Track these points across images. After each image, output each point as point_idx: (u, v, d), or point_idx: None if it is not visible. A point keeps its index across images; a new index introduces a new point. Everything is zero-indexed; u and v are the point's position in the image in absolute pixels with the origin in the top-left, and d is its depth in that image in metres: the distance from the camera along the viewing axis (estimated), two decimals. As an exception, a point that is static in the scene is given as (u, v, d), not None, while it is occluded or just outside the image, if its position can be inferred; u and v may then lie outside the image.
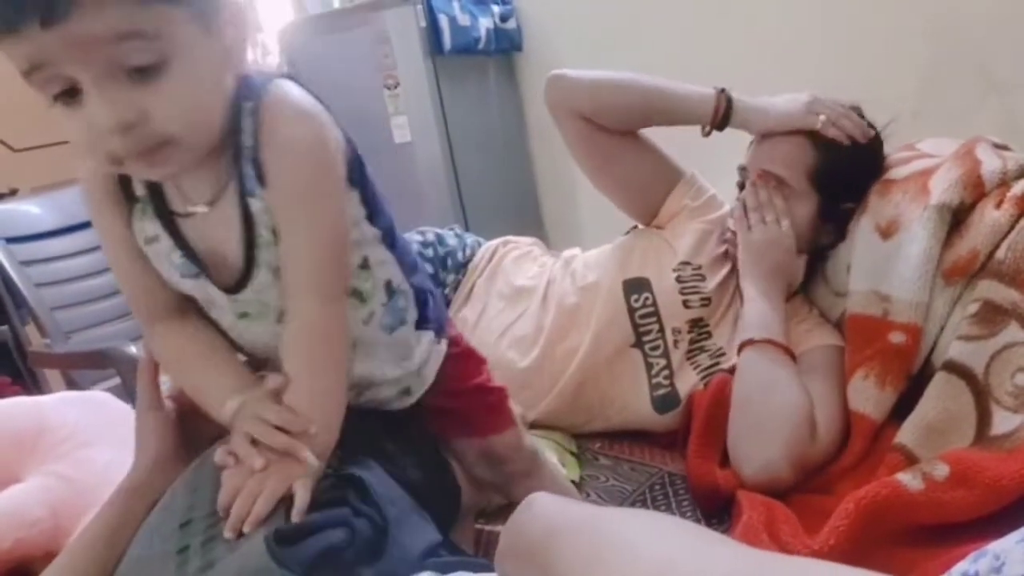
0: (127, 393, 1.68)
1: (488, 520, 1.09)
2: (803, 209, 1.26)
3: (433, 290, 0.91)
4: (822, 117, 1.24)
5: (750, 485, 1.07)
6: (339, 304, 0.75)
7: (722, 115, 1.30)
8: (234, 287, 0.75)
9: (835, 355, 1.19)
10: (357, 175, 0.77)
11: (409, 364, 0.86)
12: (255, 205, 0.71)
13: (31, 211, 2.11)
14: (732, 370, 1.25)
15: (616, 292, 1.32)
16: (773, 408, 1.10)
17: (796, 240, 1.25)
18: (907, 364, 1.11)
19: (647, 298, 1.31)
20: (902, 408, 1.10)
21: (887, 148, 1.29)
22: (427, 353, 0.88)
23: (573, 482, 1.21)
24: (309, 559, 0.64)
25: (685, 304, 1.30)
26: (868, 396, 1.12)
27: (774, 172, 1.26)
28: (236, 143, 0.70)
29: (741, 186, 1.32)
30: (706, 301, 1.31)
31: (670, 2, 2.87)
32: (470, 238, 1.57)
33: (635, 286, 1.32)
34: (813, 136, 1.25)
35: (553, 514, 0.64)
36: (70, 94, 0.62)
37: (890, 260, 1.14)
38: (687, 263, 1.32)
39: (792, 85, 1.35)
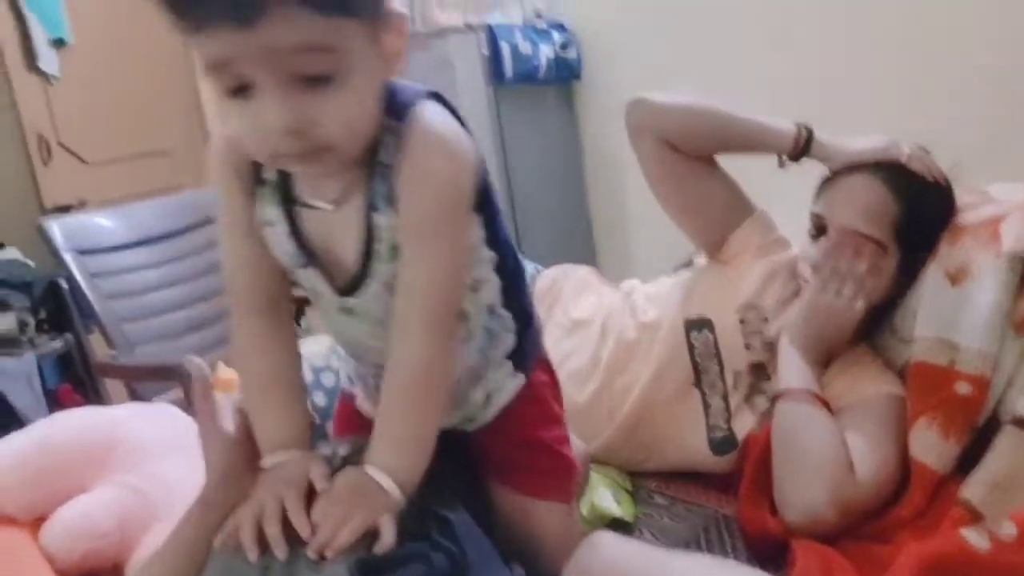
0: (190, 406, 1.72)
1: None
2: (886, 266, 1.22)
3: (535, 323, 0.90)
4: (906, 150, 1.23)
5: (795, 530, 1.06)
6: (447, 342, 0.76)
7: (802, 146, 1.30)
8: (345, 289, 0.78)
9: (893, 404, 1.17)
10: (484, 199, 0.78)
11: (481, 390, 0.86)
12: (379, 220, 0.73)
13: (103, 223, 2.17)
14: None
15: (678, 330, 1.32)
16: (807, 451, 1.10)
17: (875, 295, 1.22)
18: (972, 416, 1.09)
19: (709, 338, 1.30)
20: (967, 461, 1.08)
21: (956, 192, 1.27)
22: (500, 382, 0.87)
23: (627, 522, 1.21)
24: None
25: (747, 347, 1.29)
26: (931, 446, 1.10)
27: (862, 231, 1.20)
28: (373, 156, 0.72)
29: (814, 234, 1.28)
30: (768, 346, 1.29)
31: (731, 36, 2.87)
32: (530, 266, 1.58)
33: (697, 325, 1.32)
34: (889, 184, 1.21)
35: (619, 556, 0.65)
36: (244, 90, 0.64)
37: (959, 308, 1.13)
38: (752, 306, 1.31)
39: (856, 126, 1.35)
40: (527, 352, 0.89)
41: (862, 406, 1.18)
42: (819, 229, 1.26)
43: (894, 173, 1.22)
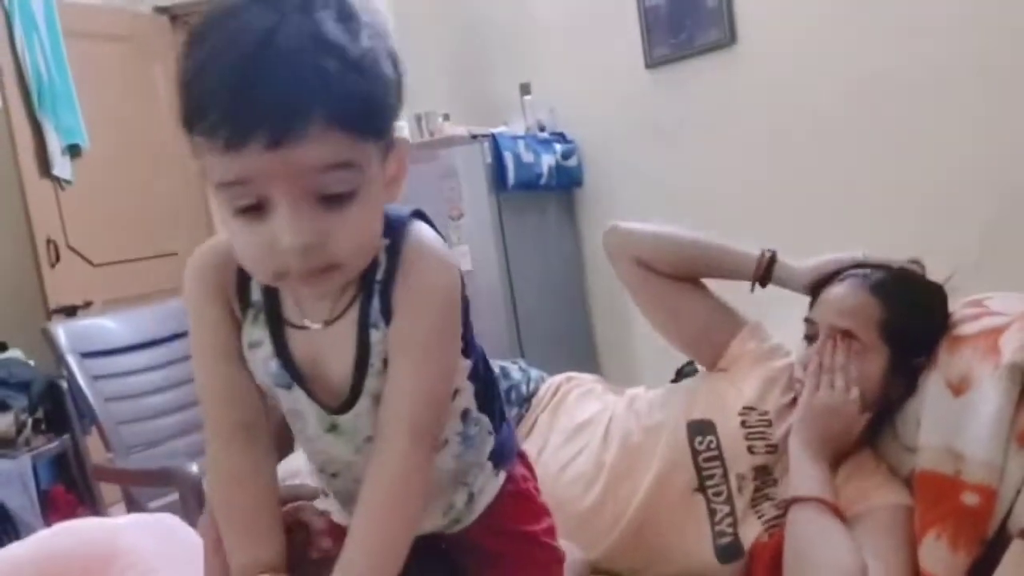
0: (185, 512, 1.70)
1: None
2: (874, 364, 1.24)
3: (507, 421, 0.91)
4: (859, 253, 1.29)
5: None
6: (429, 452, 0.75)
7: (763, 272, 1.37)
8: (337, 408, 0.77)
9: (903, 515, 1.15)
10: (462, 309, 0.78)
11: (464, 493, 0.86)
12: (375, 336, 0.73)
13: (106, 326, 2.19)
14: None
15: (680, 433, 1.32)
16: (823, 565, 1.07)
17: (866, 396, 1.23)
18: (981, 527, 1.07)
19: (711, 441, 1.30)
20: (975, 573, 1.06)
21: (952, 303, 1.29)
22: (483, 483, 0.87)
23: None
24: None
25: (750, 450, 1.29)
26: (940, 558, 1.08)
27: (843, 327, 1.25)
28: (369, 275, 0.73)
29: (808, 339, 1.31)
30: (772, 448, 1.29)
31: (725, 152, 2.96)
32: (535, 372, 1.59)
33: (699, 428, 1.31)
34: (873, 288, 1.26)
35: None
36: (258, 208, 0.64)
37: (962, 417, 1.12)
38: (753, 408, 1.31)
39: (851, 238, 1.38)
40: (505, 450, 0.89)
41: (871, 518, 1.16)
42: (811, 334, 1.30)
43: (881, 279, 1.27)
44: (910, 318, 1.25)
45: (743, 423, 1.30)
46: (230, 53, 0.60)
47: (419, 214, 0.78)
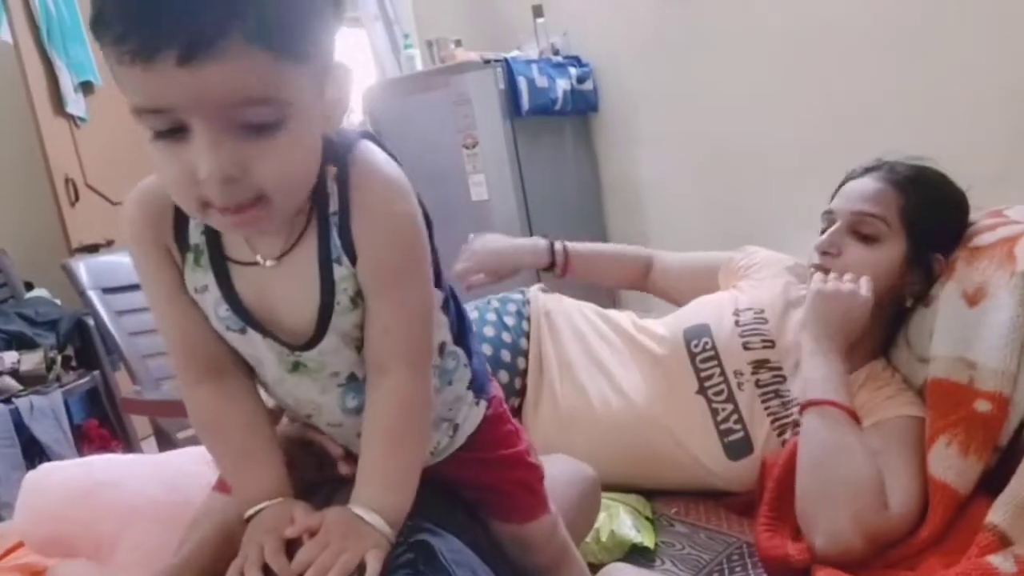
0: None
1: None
2: (893, 251, 1.24)
3: (479, 351, 0.90)
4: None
5: (820, 556, 1.04)
6: (427, 378, 0.75)
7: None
8: (299, 346, 0.74)
9: (915, 426, 1.16)
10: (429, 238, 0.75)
11: (448, 427, 0.85)
12: (339, 272, 0.70)
13: (127, 262, 2.20)
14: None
15: (678, 339, 1.36)
16: (840, 476, 1.07)
17: (881, 284, 1.23)
18: (993, 434, 1.07)
19: (706, 342, 1.33)
20: (994, 484, 1.06)
21: (973, 215, 1.27)
22: (465, 414, 0.86)
23: (648, 549, 1.20)
24: None
25: (745, 346, 1.31)
26: (950, 464, 1.08)
27: (864, 210, 1.25)
28: (320, 206, 0.69)
29: (824, 232, 1.30)
30: (768, 343, 1.31)
31: (744, 65, 2.89)
32: (516, 294, 1.62)
33: (695, 332, 1.36)
34: (894, 181, 1.26)
35: None
36: (175, 133, 0.60)
37: (976, 327, 1.12)
38: (747, 308, 1.36)
39: (873, 147, 1.35)
40: (481, 378, 0.88)
41: (887, 428, 1.17)
42: (829, 225, 1.30)
43: (904, 173, 1.27)
44: (931, 209, 1.25)
45: (736, 322, 1.34)
46: None
47: (367, 135, 0.73)
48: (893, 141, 1.35)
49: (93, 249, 3.18)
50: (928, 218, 1.24)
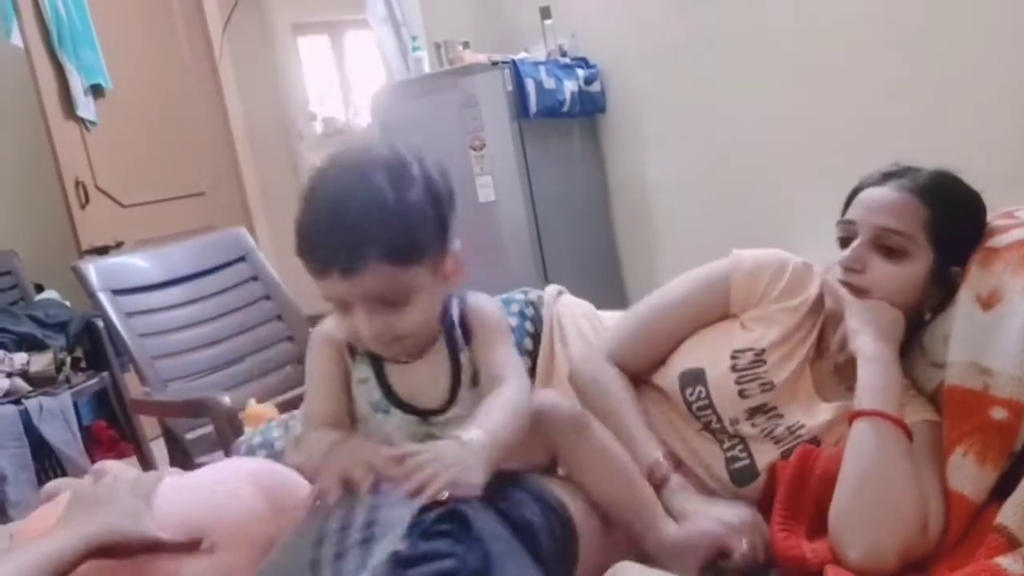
0: (220, 441, 1.74)
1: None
2: (918, 267, 1.20)
3: None
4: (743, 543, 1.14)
5: (851, 569, 1.03)
6: (528, 390, 1.05)
7: (656, 481, 1.23)
8: (432, 414, 1.05)
9: (933, 432, 1.14)
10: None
11: None
12: (463, 357, 1.05)
13: (137, 264, 2.22)
14: (813, 441, 1.22)
15: (674, 386, 1.31)
16: (888, 499, 1.05)
17: (905, 299, 1.20)
18: (1009, 442, 1.06)
19: (700, 391, 1.28)
20: (1003, 485, 1.05)
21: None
22: None
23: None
24: None
25: (741, 394, 1.26)
26: (967, 475, 1.07)
27: (889, 226, 1.20)
28: (447, 325, 1.05)
29: (843, 241, 1.26)
30: (767, 386, 1.26)
31: (753, 66, 2.89)
32: (519, 294, 1.63)
33: (690, 378, 1.30)
34: (918, 191, 1.21)
35: None
36: (346, 307, 0.96)
37: (991, 332, 1.10)
38: (746, 349, 1.28)
39: (883, 148, 1.34)
40: None
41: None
42: (848, 236, 1.25)
43: (924, 181, 1.23)
44: (956, 221, 1.21)
45: (733, 367, 1.27)
46: (317, 211, 0.94)
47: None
48: (903, 143, 1.34)
49: (103, 251, 3.20)
50: (953, 231, 1.20)
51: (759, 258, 1.36)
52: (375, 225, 0.90)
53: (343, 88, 5.81)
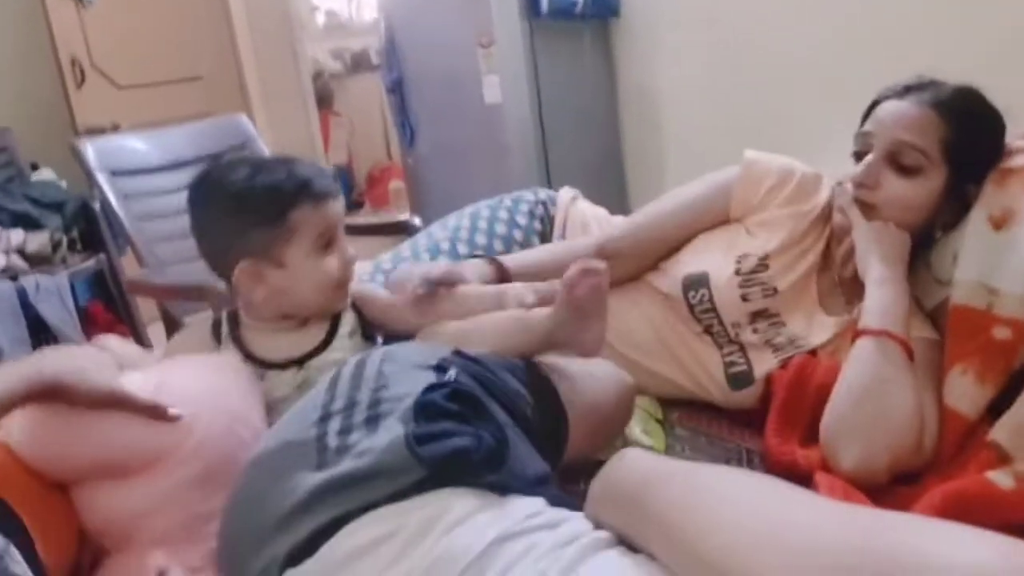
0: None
1: (570, 479, 1.10)
2: (932, 183, 1.19)
3: None
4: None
5: (842, 477, 1.05)
6: None
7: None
8: (307, 358, 1.15)
9: (931, 349, 1.15)
10: None
11: None
12: (345, 317, 1.21)
13: (135, 146, 2.18)
14: (812, 352, 1.23)
15: (677, 288, 1.32)
16: (885, 411, 1.05)
17: (915, 217, 1.20)
18: (1009, 361, 1.07)
19: (704, 294, 1.29)
20: (998, 402, 1.07)
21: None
22: None
23: (658, 451, 1.21)
24: (440, 457, 0.74)
25: (743, 298, 1.27)
26: (964, 392, 1.08)
27: (906, 140, 1.18)
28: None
29: (858, 156, 1.24)
30: (769, 292, 1.27)
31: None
32: (529, 193, 1.64)
33: (693, 282, 1.30)
34: (938, 106, 1.19)
35: (647, 465, 0.68)
36: (330, 241, 1.13)
37: (1001, 252, 1.10)
38: (751, 254, 1.29)
39: (908, 62, 1.30)
40: None
41: None
42: (864, 149, 1.23)
43: (945, 96, 1.20)
44: (974, 138, 1.18)
45: (737, 271, 1.28)
46: (299, 166, 1.14)
47: None
48: (927, 59, 1.30)
49: (98, 132, 3.14)
50: (970, 150, 1.18)
51: (765, 162, 1.36)
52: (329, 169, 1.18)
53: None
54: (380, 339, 1.23)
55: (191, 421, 0.92)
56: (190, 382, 0.99)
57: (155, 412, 0.90)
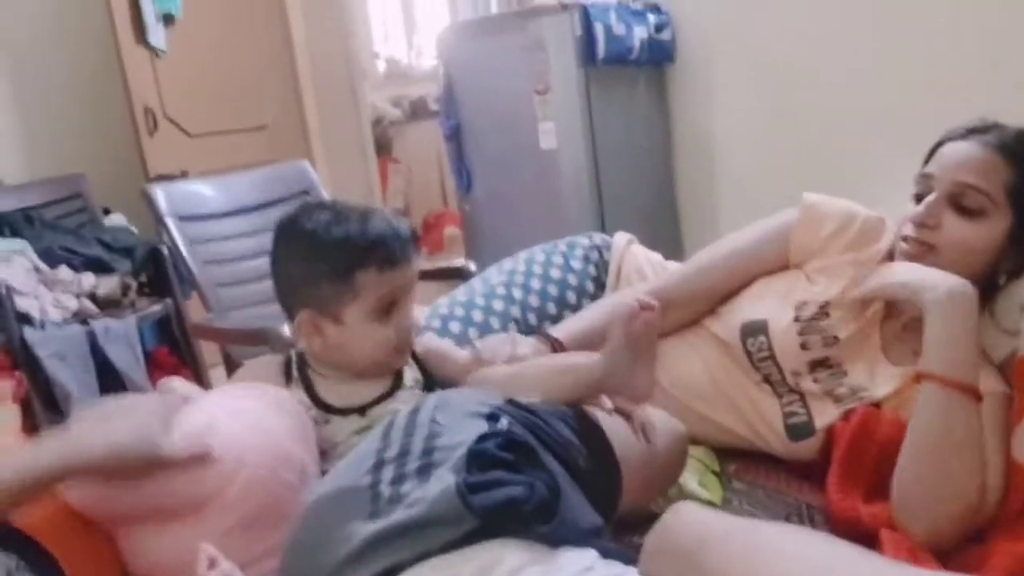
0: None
1: (624, 531, 1.09)
2: (995, 227, 1.16)
3: None
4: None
5: (911, 537, 1.01)
6: None
7: None
8: (369, 406, 1.13)
9: (1001, 404, 1.11)
10: None
11: None
12: (408, 371, 1.19)
13: (203, 192, 2.25)
14: (877, 405, 1.20)
15: (735, 336, 1.31)
16: (954, 471, 1.02)
17: (977, 261, 1.16)
18: (1081, 416, 1.03)
19: (763, 342, 1.27)
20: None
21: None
22: None
23: (715, 505, 1.19)
24: (492, 507, 0.74)
25: (803, 346, 1.25)
26: (1033, 447, 1.05)
27: (970, 182, 1.15)
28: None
29: (918, 198, 1.21)
30: (830, 341, 1.24)
31: (824, 22, 2.78)
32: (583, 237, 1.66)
33: (751, 329, 1.29)
34: (1002, 149, 1.16)
35: (704, 521, 0.67)
36: (391, 307, 1.10)
37: (1069, 302, 1.07)
38: (812, 301, 1.27)
39: (967, 109, 1.28)
40: None
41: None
42: (925, 192, 1.20)
43: (1008, 139, 1.18)
44: None
45: (796, 318, 1.26)
46: (374, 220, 1.11)
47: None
48: (988, 103, 1.28)
49: (169, 179, 3.25)
50: None
51: (825, 207, 1.34)
52: (407, 230, 1.13)
53: (407, 28, 5.77)
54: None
55: (235, 467, 0.92)
56: (237, 425, 0.97)
57: (198, 462, 0.89)
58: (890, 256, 1.26)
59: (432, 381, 1.19)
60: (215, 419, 0.97)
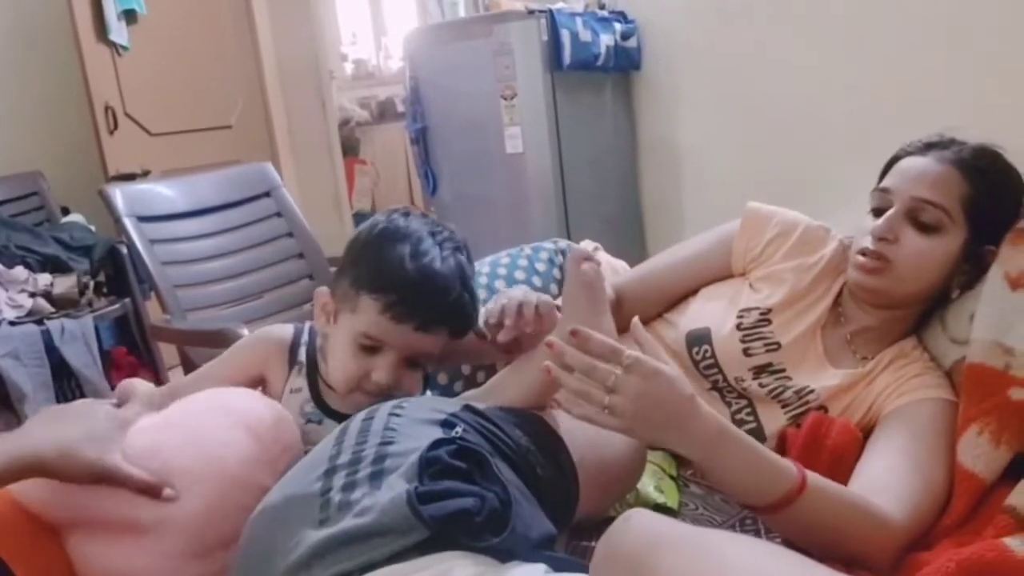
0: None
1: (580, 535, 1.10)
2: (952, 242, 1.17)
3: None
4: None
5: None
6: None
7: None
8: None
9: (947, 411, 1.13)
10: None
11: None
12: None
13: (163, 192, 2.22)
14: (821, 408, 1.22)
15: (681, 345, 1.32)
16: (854, 535, 0.99)
17: (933, 276, 1.18)
18: (1026, 423, 1.06)
19: (706, 350, 1.29)
20: (1016, 467, 1.05)
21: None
22: None
23: (672, 509, 1.20)
24: (442, 517, 0.73)
25: (745, 352, 1.27)
26: (979, 454, 1.06)
27: (926, 197, 1.16)
28: None
29: (876, 212, 1.22)
30: (772, 346, 1.26)
31: (797, 29, 2.82)
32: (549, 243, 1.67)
33: (696, 338, 1.31)
34: (960, 165, 1.17)
35: (654, 530, 0.67)
36: (375, 350, 1.07)
37: (1017, 312, 1.09)
38: (754, 308, 1.28)
39: (929, 121, 1.29)
40: None
41: (915, 412, 1.14)
42: (882, 206, 1.21)
43: (965, 154, 1.19)
44: (995, 198, 1.17)
45: (738, 326, 1.28)
46: (430, 273, 1.05)
47: None
48: (948, 116, 1.29)
49: (129, 178, 3.21)
50: (990, 209, 1.16)
51: (767, 214, 1.35)
52: (463, 304, 1.08)
53: (376, 29, 5.75)
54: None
55: (184, 497, 0.90)
56: (188, 450, 0.95)
57: (147, 490, 0.89)
58: (836, 263, 1.29)
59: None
60: (160, 443, 0.95)
